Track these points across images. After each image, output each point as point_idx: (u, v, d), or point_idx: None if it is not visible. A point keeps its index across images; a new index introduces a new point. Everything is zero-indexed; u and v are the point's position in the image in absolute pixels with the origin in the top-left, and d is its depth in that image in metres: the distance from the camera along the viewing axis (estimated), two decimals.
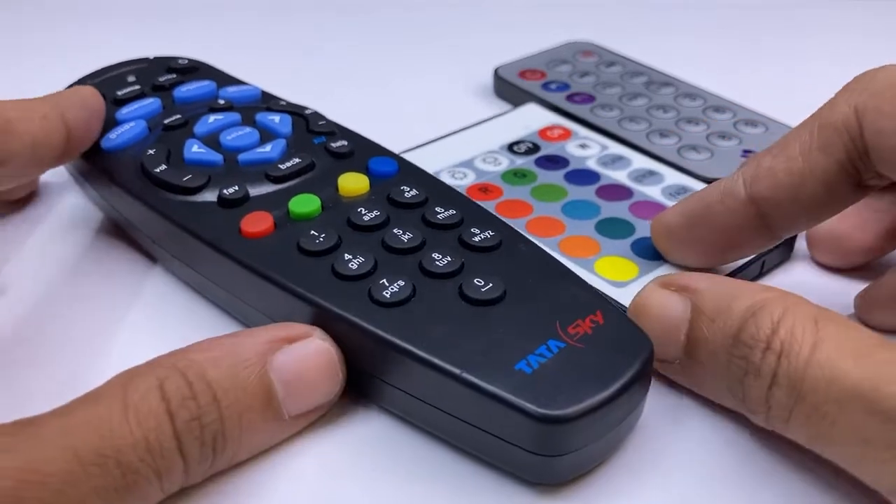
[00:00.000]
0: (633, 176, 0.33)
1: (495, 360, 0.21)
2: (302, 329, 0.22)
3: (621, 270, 0.28)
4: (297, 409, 0.22)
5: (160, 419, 0.18)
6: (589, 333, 0.22)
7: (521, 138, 0.36)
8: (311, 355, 0.22)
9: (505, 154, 0.35)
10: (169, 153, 0.28)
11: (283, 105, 0.32)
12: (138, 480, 0.18)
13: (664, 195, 0.31)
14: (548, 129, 0.37)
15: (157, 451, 0.18)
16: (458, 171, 0.33)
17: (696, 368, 0.22)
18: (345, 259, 0.24)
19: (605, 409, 0.20)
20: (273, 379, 0.21)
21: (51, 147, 0.27)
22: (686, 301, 0.22)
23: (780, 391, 0.19)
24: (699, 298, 0.22)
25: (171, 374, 0.19)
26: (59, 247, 0.30)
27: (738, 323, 0.20)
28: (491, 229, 0.25)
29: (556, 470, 0.21)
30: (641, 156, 0.34)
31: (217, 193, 0.26)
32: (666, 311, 0.22)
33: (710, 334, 0.21)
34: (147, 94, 0.32)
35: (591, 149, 0.35)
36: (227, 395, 0.20)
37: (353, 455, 0.22)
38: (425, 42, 0.51)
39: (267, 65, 0.45)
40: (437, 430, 0.22)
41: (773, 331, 0.20)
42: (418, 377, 0.21)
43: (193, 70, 0.35)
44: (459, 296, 0.23)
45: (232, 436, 0.20)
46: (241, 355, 0.20)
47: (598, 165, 0.34)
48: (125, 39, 0.50)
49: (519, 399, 0.20)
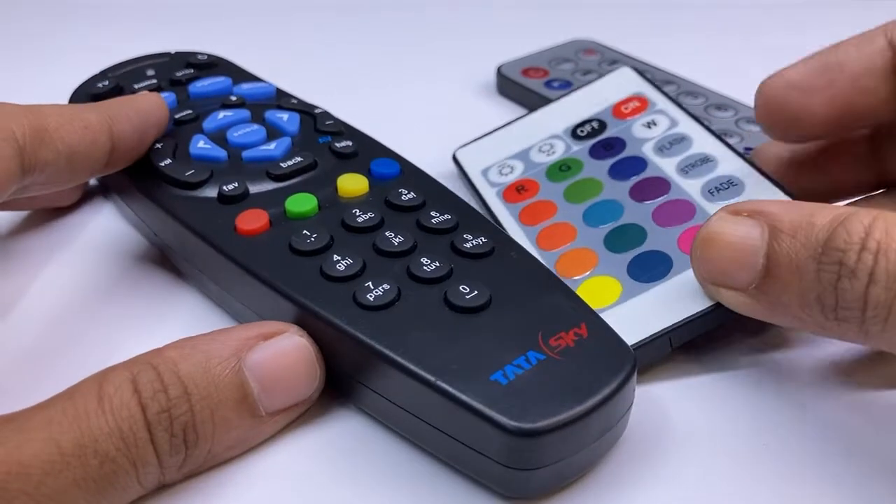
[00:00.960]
0: (683, 165, 0.30)
1: (472, 370, 0.21)
2: (278, 326, 0.22)
3: (604, 293, 0.26)
4: (274, 405, 0.22)
5: (133, 410, 0.19)
6: (571, 346, 0.21)
7: (592, 116, 0.34)
8: (288, 352, 0.22)
9: (565, 139, 0.33)
10: (176, 147, 0.29)
11: (293, 103, 0.32)
12: (116, 471, 0.19)
13: (703, 193, 0.29)
14: (623, 103, 0.34)
15: (132, 440, 0.19)
16: (508, 164, 0.33)
17: (777, 288, 0.21)
18: (333, 260, 0.24)
19: (579, 423, 0.20)
20: (247, 375, 0.21)
21: (91, 159, 0.26)
22: (761, 224, 0.22)
23: (878, 288, 0.19)
24: (775, 219, 0.21)
25: (144, 369, 0.20)
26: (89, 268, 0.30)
27: (824, 233, 0.20)
28: (484, 236, 0.25)
29: (529, 484, 0.20)
30: (706, 136, 0.31)
31: (217, 189, 0.27)
32: (743, 236, 0.22)
33: (793, 250, 0.21)
34: (164, 88, 0.33)
35: (658, 127, 0.32)
36: (197, 389, 0.20)
37: (331, 456, 0.22)
38: (428, 41, 0.51)
39: (282, 63, 0.45)
40: (413, 437, 0.22)
41: (867, 233, 0.19)
42: (395, 383, 0.21)
43: (212, 66, 0.35)
44: (444, 302, 0.23)
45: (204, 430, 0.20)
46: (215, 352, 0.21)
47: (653, 152, 0.31)
48: (152, 38, 0.51)
49: (491, 410, 0.20)
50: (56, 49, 0.49)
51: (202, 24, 0.54)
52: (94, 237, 0.32)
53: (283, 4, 0.56)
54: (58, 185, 0.26)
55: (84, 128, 0.25)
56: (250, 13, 0.56)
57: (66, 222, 0.33)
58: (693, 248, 0.23)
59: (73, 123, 0.25)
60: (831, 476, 0.22)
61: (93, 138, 0.25)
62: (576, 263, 0.28)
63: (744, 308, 0.23)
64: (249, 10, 0.56)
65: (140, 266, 0.30)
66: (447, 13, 0.55)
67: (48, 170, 0.24)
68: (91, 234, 0.32)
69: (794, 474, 0.22)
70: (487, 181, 0.33)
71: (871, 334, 0.20)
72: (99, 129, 0.26)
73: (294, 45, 0.51)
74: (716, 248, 0.22)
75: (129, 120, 0.27)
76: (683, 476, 0.22)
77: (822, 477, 0.22)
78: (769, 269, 0.21)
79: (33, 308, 0.28)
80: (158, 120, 0.28)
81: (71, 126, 0.25)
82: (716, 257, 0.22)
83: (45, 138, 0.24)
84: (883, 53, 0.25)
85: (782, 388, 0.24)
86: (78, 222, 0.33)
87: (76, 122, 0.25)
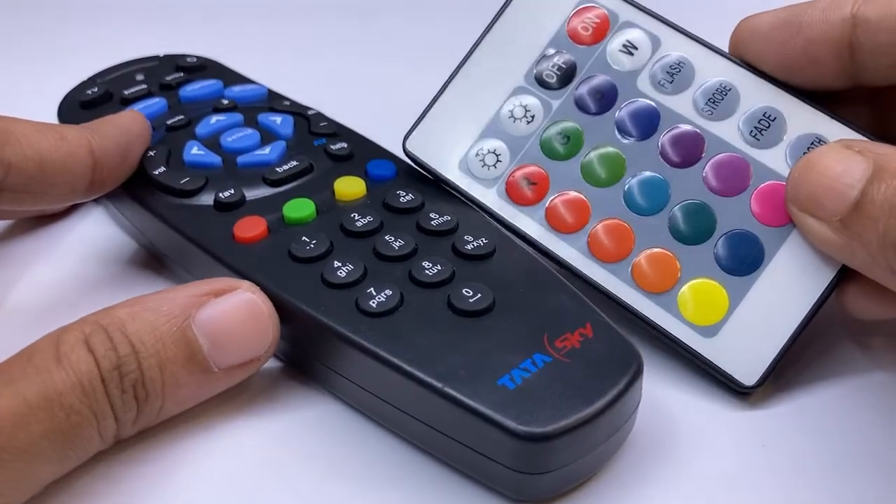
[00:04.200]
0: (703, 103, 0.25)
1: (478, 375, 0.20)
2: (230, 282, 0.22)
3: (710, 304, 0.23)
4: (226, 361, 0.22)
5: (89, 366, 0.20)
6: (577, 347, 0.21)
7: (547, 47, 0.27)
8: (238, 308, 0.22)
9: (535, 91, 0.27)
10: (169, 154, 0.28)
11: (286, 105, 0.31)
12: (81, 422, 0.19)
13: (745, 139, 0.24)
14: (577, 18, 0.27)
15: (91, 393, 0.19)
16: (485, 147, 0.27)
17: (861, 225, 0.21)
18: (334, 266, 0.23)
19: (588, 426, 0.20)
20: (196, 332, 0.21)
21: (69, 172, 0.26)
22: (868, 160, 0.21)
23: None
24: (883, 159, 0.21)
25: (95, 329, 0.20)
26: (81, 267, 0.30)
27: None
28: (485, 236, 0.25)
29: (538, 488, 0.20)
30: (707, 54, 0.26)
31: (213, 196, 0.26)
32: (846, 166, 0.22)
33: (891, 191, 0.21)
34: (154, 93, 0.33)
35: (640, 52, 0.26)
36: (145, 347, 0.20)
37: (336, 461, 0.22)
38: (428, 41, 0.50)
39: (275, 64, 0.45)
40: (421, 443, 0.22)
41: None
42: (401, 389, 0.21)
43: (202, 68, 0.35)
44: (447, 306, 0.22)
45: (153, 387, 0.20)
46: (164, 310, 0.21)
47: (654, 88, 0.26)
48: (142, 39, 0.50)
49: (500, 416, 0.19)
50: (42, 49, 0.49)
51: (186, 25, 0.53)
52: (84, 242, 0.31)
53: (281, 4, 0.56)
54: (39, 199, 0.26)
55: (59, 139, 0.26)
56: (247, 13, 0.55)
57: (55, 227, 0.32)
58: (792, 170, 0.23)
59: (46, 133, 0.25)
60: (833, 478, 0.22)
61: (69, 150, 0.26)
62: (656, 273, 0.24)
63: (821, 238, 0.23)
64: (246, 10, 0.56)
65: (133, 271, 0.30)
66: (447, 13, 0.55)
67: (15, 173, 0.24)
68: (81, 239, 0.32)
69: (797, 475, 0.22)
70: (474, 178, 0.27)
71: None
72: (77, 142, 0.26)
73: (293, 45, 0.50)
74: (814, 173, 0.22)
75: (109, 136, 0.27)
76: (689, 475, 0.22)
77: (824, 478, 0.22)
78: (861, 203, 0.21)
79: (23, 311, 0.28)
80: (140, 136, 0.28)
81: (42, 135, 0.25)
82: (812, 181, 0.22)
83: (11, 140, 0.24)
84: (843, 25, 0.24)
85: (784, 388, 0.24)
86: (67, 228, 0.32)
87: (49, 133, 0.26)
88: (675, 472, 0.22)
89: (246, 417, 0.23)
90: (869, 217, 0.21)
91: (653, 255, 0.24)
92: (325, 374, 0.23)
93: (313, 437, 0.23)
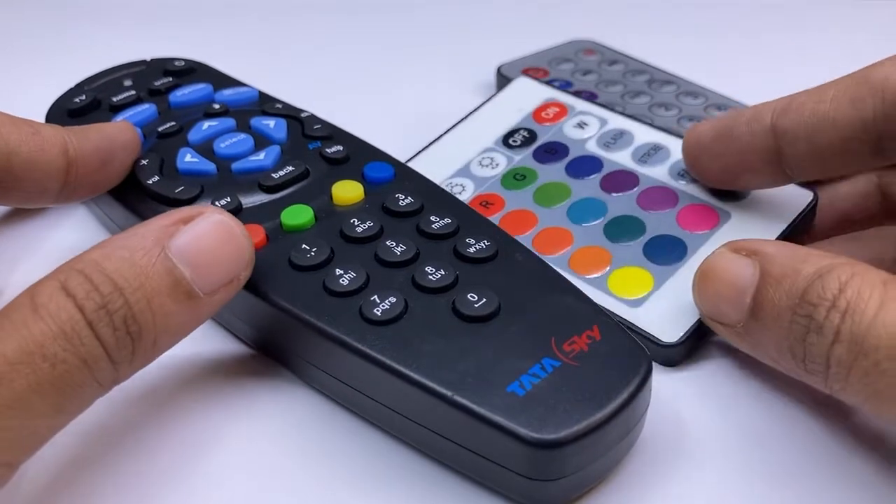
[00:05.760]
0: (638, 155, 0.31)
1: (487, 382, 0.20)
2: (195, 208, 0.22)
3: (635, 283, 0.26)
4: (209, 285, 0.21)
5: (71, 312, 0.19)
6: (585, 350, 0.21)
7: (516, 126, 0.33)
8: (209, 229, 0.21)
9: (501, 151, 0.32)
10: (162, 163, 0.28)
11: (278, 108, 0.31)
12: (69, 370, 0.19)
13: (672, 175, 0.30)
14: (542, 110, 0.34)
15: (77, 340, 0.19)
16: (456, 183, 0.31)
17: (759, 331, 0.22)
18: (336, 274, 0.23)
19: (600, 430, 0.20)
20: (175, 260, 0.21)
21: (39, 169, 0.25)
22: (755, 264, 0.22)
23: (841, 348, 0.19)
24: (768, 262, 0.22)
25: (71, 275, 0.19)
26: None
27: (804, 284, 0.20)
28: (487, 239, 0.24)
29: (551, 494, 0.20)
30: (643, 127, 0.32)
31: (210, 205, 0.26)
32: (735, 274, 0.22)
33: (777, 296, 0.21)
34: (143, 99, 0.32)
35: (590, 127, 0.32)
36: (128, 282, 0.20)
37: (339, 466, 0.22)
38: (427, 41, 0.50)
39: (270, 66, 0.45)
40: (430, 451, 0.22)
41: (840, 290, 0.20)
42: (409, 398, 0.21)
43: (190, 72, 0.34)
44: (452, 311, 0.22)
45: (144, 320, 0.20)
46: (137, 245, 0.20)
47: (600, 148, 0.31)
48: (127, 41, 0.49)
49: (511, 423, 0.19)
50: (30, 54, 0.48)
51: (166, 27, 0.52)
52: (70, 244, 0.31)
53: (286, 6, 0.55)
54: (7, 194, 0.26)
55: (33, 133, 0.25)
56: (245, 13, 0.55)
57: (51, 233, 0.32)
58: (693, 282, 0.24)
59: (20, 126, 0.25)
60: (846, 478, 0.22)
61: (41, 146, 0.25)
62: (590, 261, 0.27)
63: (736, 343, 0.23)
64: (244, 10, 0.55)
65: None
66: (447, 13, 0.54)
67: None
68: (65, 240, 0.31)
69: (809, 476, 0.22)
70: None
71: (834, 390, 0.20)
72: (51, 140, 0.26)
73: (291, 46, 0.50)
74: (710, 284, 0.23)
75: (89, 140, 0.27)
76: (700, 478, 0.22)
77: (836, 478, 0.22)
78: (754, 310, 0.22)
79: None
80: (127, 146, 0.27)
81: (16, 127, 0.25)
82: (710, 292, 0.23)
83: None
84: (766, 136, 0.25)
85: (796, 389, 0.24)
86: (61, 236, 0.32)
87: (23, 126, 0.25)
88: (686, 474, 0.22)
89: (248, 423, 0.23)
90: (762, 324, 0.21)
91: (587, 249, 0.28)
92: (329, 383, 0.23)
93: (316, 441, 0.23)
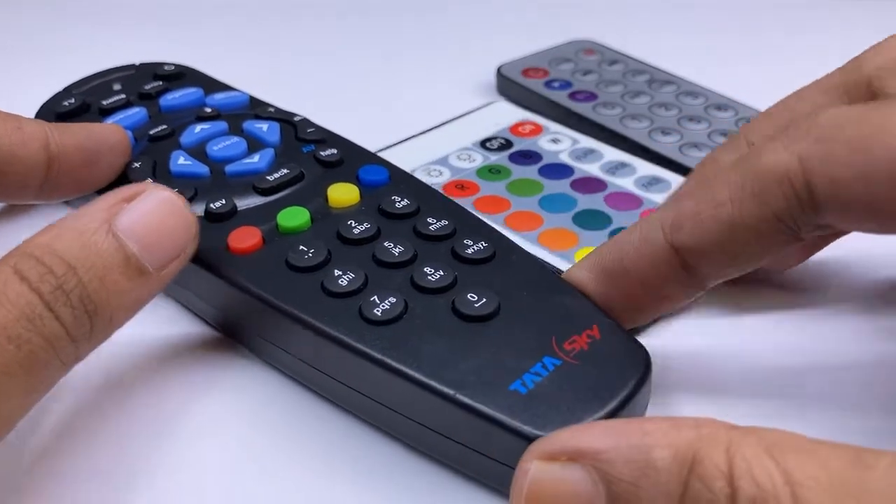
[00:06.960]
0: (606, 168, 0.33)
1: (489, 381, 0.20)
2: (137, 186, 0.22)
3: None
4: (158, 260, 0.21)
5: (29, 296, 0.19)
6: (585, 349, 0.21)
7: (494, 135, 0.36)
8: (153, 207, 0.22)
9: (478, 151, 0.35)
10: (155, 165, 0.28)
11: (271, 112, 0.31)
12: (34, 350, 0.19)
13: (637, 186, 0.32)
14: (519, 126, 0.37)
15: (38, 321, 0.19)
16: (434, 168, 0.33)
17: None
18: (335, 275, 0.23)
19: None
20: (123, 238, 0.21)
21: (20, 162, 0.25)
22: (590, 472, 0.16)
23: None
24: (607, 465, 0.16)
25: (22, 259, 0.20)
26: None
27: (675, 484, 0.15)
28: (484, 240, 0.25)
29: None
30: (612, 148, 0.35)
31: (204, 207, 0.26)
32: (570, 495, 0.16)
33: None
34: (133, 102, 0.32)
35: (563, 143, 0.35)
36: (80, 262, 0.20)
37: (337, 466, 0.22)
38: (427, 42, 0.50)
39: (270, 66, 0.45)
40: (430, 450, 0.22)
41: (730, 485, 0.15)
42: (411, 397, 0.21)
43: (180, 76, 0.34)
44: (452, 311, 0.22)
45: (99, 297, 0.20)
46: (84, 225, 0.20)
47: (571, 159, 0.34)
48: (117, 44, 0.49)
49: (514, 421, 0.19)
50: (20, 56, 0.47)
51: (152, 31, 0.52)
52: None
53: (282, 6, 0.55)
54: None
55: (15, 128, 0.25)
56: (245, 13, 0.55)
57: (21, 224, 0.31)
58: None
59: (4, 119, 0.25)
60: None
61: (22, 140, 0.26)
62: (558, 240, 0.29)
63: None
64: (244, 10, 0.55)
65: None
66: (447, 13, 0.55)
67: None
68: None
69: None
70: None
71: None
72: (32, 134, 0.26)
73: (287, 47, 0.50)
74: None
75: (73, 136, 0.26)
76: None
77: None
78: None
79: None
80: (115, 148, 0.27)
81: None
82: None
83: None
84: (666, 255, 0.22)
85: (792, 383, 0.25)
86: None
87: (7, 120, 0.25)
88: None
89: (242, 424, 0.23)
90: None
91: (557, 230, 0.30)
92: (328, 384, 0.23)
93: (311, 438, 0.23)
